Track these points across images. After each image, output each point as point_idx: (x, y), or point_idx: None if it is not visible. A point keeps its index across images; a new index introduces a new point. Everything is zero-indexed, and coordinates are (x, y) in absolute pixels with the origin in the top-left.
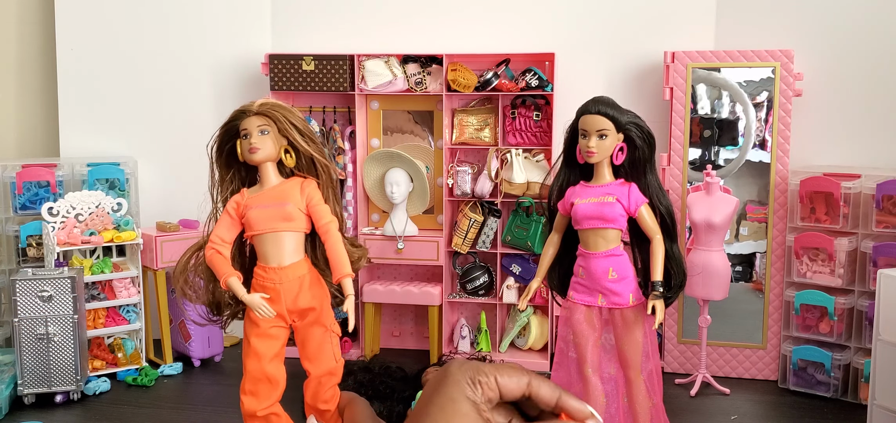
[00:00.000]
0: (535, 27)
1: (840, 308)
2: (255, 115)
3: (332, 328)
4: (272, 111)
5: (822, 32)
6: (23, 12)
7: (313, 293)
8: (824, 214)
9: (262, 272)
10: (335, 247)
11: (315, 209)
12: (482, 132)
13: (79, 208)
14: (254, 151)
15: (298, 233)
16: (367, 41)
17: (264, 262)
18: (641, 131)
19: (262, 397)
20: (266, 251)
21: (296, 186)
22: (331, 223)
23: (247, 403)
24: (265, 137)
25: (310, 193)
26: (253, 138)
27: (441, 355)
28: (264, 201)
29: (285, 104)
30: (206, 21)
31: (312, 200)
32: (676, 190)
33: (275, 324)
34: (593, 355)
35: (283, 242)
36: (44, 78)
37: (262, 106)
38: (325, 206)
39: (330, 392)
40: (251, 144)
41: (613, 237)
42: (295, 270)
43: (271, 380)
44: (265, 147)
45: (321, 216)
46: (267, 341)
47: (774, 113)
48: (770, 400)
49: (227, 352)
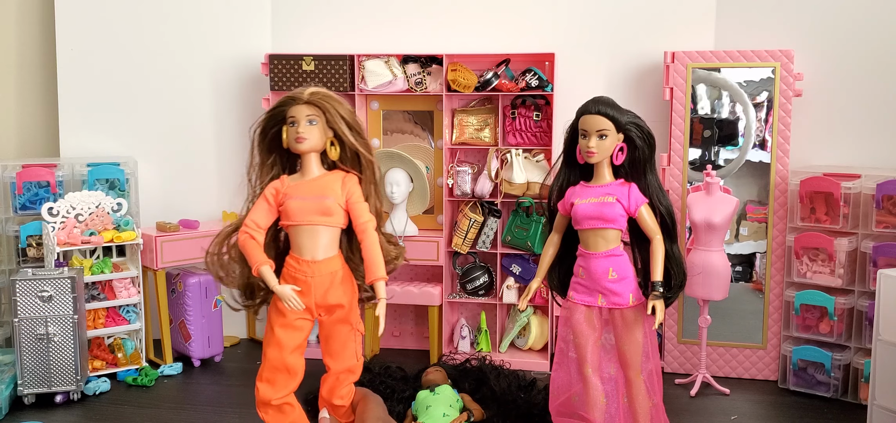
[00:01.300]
0: (535, 27)
1: (840, 308)
2: (304, 103)
3: (357, 327)
4: (322, 102)
5: (822, 32)
6: (23, 12)
7: (343, 290)
8: (824, 214)
9: (294, 263)
10: (371, 248)
11: (354, 207)
12: (482, 132)
13: (79, 208)
14: (300, 141)
15: (335, 228)
16: (367, 41)
17: (298, 253)
18: (641, 131)
19: (278, 386)
20: (301, 243)
21: (337, 181)
22: (369, 223)
23: (262, 390)
24: (313, 128)
25: (350, 189)
26: (300, 127)
27: (441, 355)
28: (304, 193)
29: (335, 95)
30: (206, 21)
31: (352, 196)
32: (676, 190)
33: (301, 316)
34: (593, 355)
35: (319, 235)
36: (44, 78)
37: (313, 95)
38: (364, 204)
39: (346, 389)
40: (298, 133)
41: (613, 237)
42: (328, 265)
43: (290, 370)
44: (312, 137)
45: (360, 215)
46: (291, 332)
47: (774, 113)
48: (770, 400)
49: (227, 352)
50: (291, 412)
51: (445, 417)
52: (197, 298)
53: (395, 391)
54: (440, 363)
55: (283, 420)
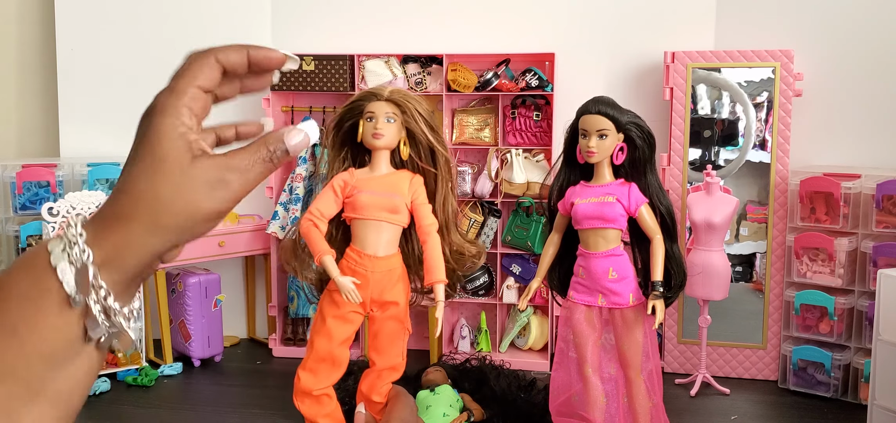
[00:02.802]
0: (535, 27)
1: (840, 308)
2: (385, 101)
3: (407, 326)
4: (403, 101)
5: (822, 32)
6: (23, 12)
7: (400, 288)
8: (824, 214)
9: (355, 256)
10: (432, 251)
11: (419, 209)
12: (482, 132)
13: (79, 208)
14: (378, 137)
15: (398, 227)
16: (367, 41)
17: (360, 247)
18: (641, 131)
19: (321, 376)
20: (365, 237)
21: (405, 180)
22: (432, 226)
23: (304, 379)
24: (390, 125)
25: (416, 190)
26: (379, 124)
27: (441, 354)
28: (375, 188)
29: (415, 95)
30: (206, 21)
31: (418, 198)
32: (676, 190)
33: (355, 310)
34: (593, 355)
35: (383, 231)
36: (44, 78)
37: (393, 93)
38: (428, 207)
39: (387, 387)
40: (375, 129)
41: (613, 237)
42: (388, 262)
43: (335, 362)
44: (389, 134)
45: (423, 217)
46: (343, 324)
47: (774, 113)
48: (770, 400)
49: (227, 352)
50: (328, 404)
51: (445, 417)
52: (197, 298)
53: None
54: (440, 362)
55: (320, 411)
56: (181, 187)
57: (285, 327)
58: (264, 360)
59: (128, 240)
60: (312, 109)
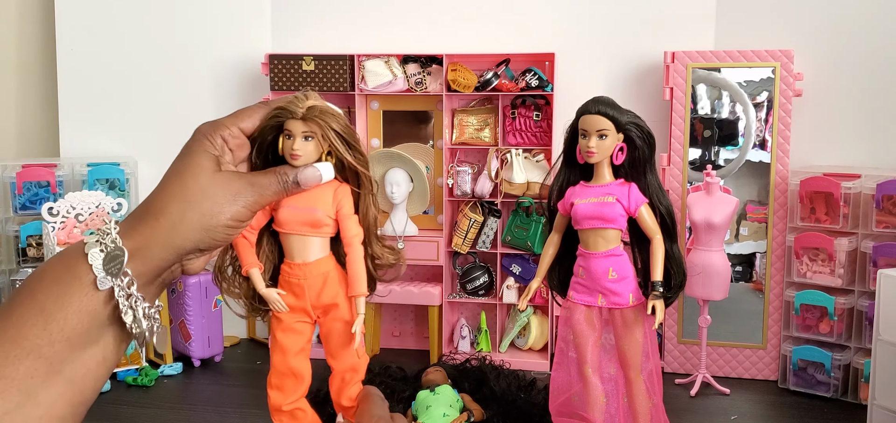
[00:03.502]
0: (535, 27)
1: (840, 308)
2: (300, 120)
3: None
4: (318, 119)
5: (822, 32)
6: (23, 12)
7: (337, 289)
8: (824, 214)
9: (287, 268)
10: (354, 264)
11: (343, 221)
12: (482, 132)
13: (79, 208)
14: (295, 157)
15: (324, 238)
16: (367, 41)
17: (290, 258)
18: (641, 131)
19: (287, 391)
20: (291, 248)
21: (329, 192)
22: (355, 237)
23: (273, 397)
24: (308, 143)
25: (341, 201)
26: (296, 143)
27: (441, 354)
28: (296, 202)
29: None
30: (206, 21)
31: (342, 208)
32: (676, 190)
33: (299, 319)
34: (593, 355)
35: (308, 243)
36: (44, 78)
37: (309, 111)
38: (353, 218)
39: (355, 389)
40: (293, 149)
41: (613, 237)
42: (319, 266)
43: (296, 375)
44: (306, 153)
45: (347, 229)
46: (291, 335)
47: (774, 113)
48: (770, 400)
49: (227, 352)
50: (304, 418)
51: (445, 417)
52: (197, 298)
53: (395, 391)
54: (440, 363)
55: None
56: (207, 191)
57: None
58: (264, 360)
59: (156, 234)
60: None
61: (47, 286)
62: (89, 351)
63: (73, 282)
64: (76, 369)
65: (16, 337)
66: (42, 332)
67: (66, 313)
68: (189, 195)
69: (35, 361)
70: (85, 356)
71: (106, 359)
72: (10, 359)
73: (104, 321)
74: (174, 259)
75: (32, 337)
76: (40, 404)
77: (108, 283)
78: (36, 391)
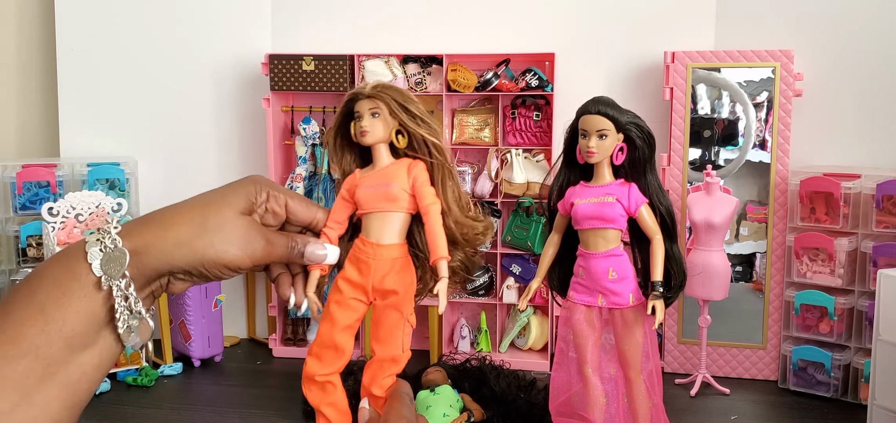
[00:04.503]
0: (535, 27)
1: (840, 308)
2: (367, 97)
3: (408, 318)
4: (382, 94)
5: (822, 32)
6: (23, 12)
7: (400, 278)
8: (824, 214)
9: (360, 244)
10: (432, 229)
11: (419, 190)
12: (482, 132)
13: (79, 208)
14: (364, 134)
15: (403, 214)
16: (367, 41)
17: (366, 236)
18: (641, 131)
19: (325, 362)
20: (369, 226)
21: (403, 167)
22: (432, 205)
23: (310, 364)
24: (376, 120)
25: (416, 174)
26: (364, 121)
27: (441, 354)
28: (371, 181)
29: (399, 87)
30: (206, 21)
31: (417, 180)
32: (676, 190)
33: (356, 296)
34: (593, 355)
35: (387, 221)
36: (44, 78)
37: (374, 88)
38: (429, 187)
39: (388, 380)
40: (361, 127)
41: (613, 237)
42: (390, 251)
43: (338, 348)
44: (374, 130)
45: (423, 198)
46: (345, 310)
47: (774, 113)
48: (770, 400)
49: (227, 352)
50: (333, 392)
51: (445, 417)
52: (197, 298)
53: None
54: (440, 362)
55: (324, 398)
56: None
57: (285, 327)
58: (264, 360)
59: (157, 243)
60: (312, 109)
61: (46, 287)
62: (86, 353)
63: (73, 283)
64: (72, 370)
65: (14, 337)
66: (41, 333)
67: (65, 314)
68: (207, 223)
69: (33, 361)
70: (82, 358)
71: (102, 362)
72: (8, 359)
73: (102, 323)
74: (165, 272)
75: (31, 338)
76: (36, 404)
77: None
78: (32, 392)
